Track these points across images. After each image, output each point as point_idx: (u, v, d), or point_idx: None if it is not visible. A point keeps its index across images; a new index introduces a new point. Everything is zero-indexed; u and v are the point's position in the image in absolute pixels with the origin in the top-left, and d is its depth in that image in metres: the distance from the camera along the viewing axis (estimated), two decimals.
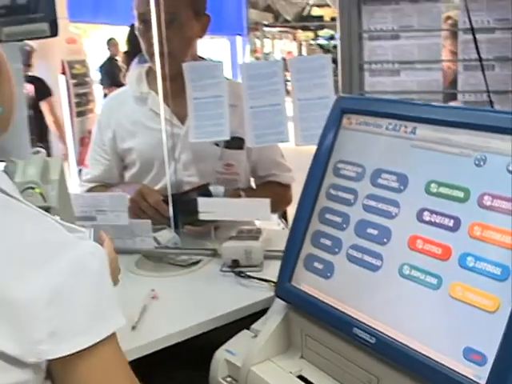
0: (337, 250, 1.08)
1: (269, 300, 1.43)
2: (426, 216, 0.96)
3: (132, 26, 4.57)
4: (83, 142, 6.33)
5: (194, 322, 1.42)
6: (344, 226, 1.08)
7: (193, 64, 1.75)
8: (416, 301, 0.94)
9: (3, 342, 0.74)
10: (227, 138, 1.75)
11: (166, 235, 1.84)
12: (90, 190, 2.08)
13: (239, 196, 1.91)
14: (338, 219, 1.10)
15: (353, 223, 1.07)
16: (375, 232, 1.02)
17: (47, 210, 1.60)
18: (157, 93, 1.98)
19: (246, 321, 1.38)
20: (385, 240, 1.00)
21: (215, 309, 1.47)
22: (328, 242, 1.10)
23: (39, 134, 5.45)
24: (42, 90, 5.52)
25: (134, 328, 1.38)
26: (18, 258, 0.78)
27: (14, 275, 0.76)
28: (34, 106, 5.27)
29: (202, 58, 2.12)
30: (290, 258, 1.16)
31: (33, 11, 1.74)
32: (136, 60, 3.30)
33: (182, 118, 1.95)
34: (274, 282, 1.50)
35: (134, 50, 4.23)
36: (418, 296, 0.93)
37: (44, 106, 5.51)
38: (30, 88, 5.24)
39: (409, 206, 0.99)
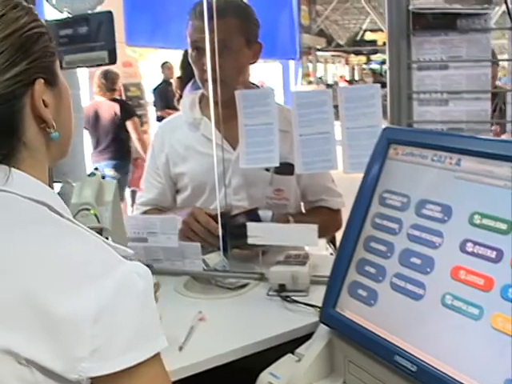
0: (381, 278, 1.10)
1: (314, 325, 1.45)
2: (469, 247, 0.98)
3: (185, 52, 4.65)
4: (136, 162, 6.44)
5: (240, 344, 1.44)
6: (388, 254, 1.10)
7: (245, 92, 1.80)
8: (457, 330, 0.95)
9: (47, 357, 0.76)
10: (277, 164, 1.78)
11: (215, 258, 1.87)
12: (144, 213, 2.14)
13: (287, 221, 1.94)
14: (383, 248, 1.12)
15: (397, 252, 1.09)
16: (419, 261, 1.04)
17: (101, 230, 1.66)
18: (209, 119, 2.03)
19: (290, 345, 1.39)
20: (428, 269, 1.02)
21: (261, 332, 1.49)
22: (372, 270, 1.12)
23: (124, 151, 5.91)
24: (127, 111, 5.91)
25: (180, 349, 1.41)
26: (65, 275, 0.80)
27: (61, 291, 0.78)
28: (120, 125, 5.77)
29: (253, 84, 2.18)
30: (334, 285, 1.18)
31: (93, 40, 1.82)
32: (189, 86, 3.38)
33: (233, 144, 1.99)
34: (319, 308, 1.51)
35: (187, 76, 4.33)
36: (459, 326, 0.94)
37: (130, 125, 5.86)
38: (116, 109, 5.69)
39: (452, 237, 1.01)
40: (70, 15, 1.86)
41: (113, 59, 1.83)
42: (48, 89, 0.94)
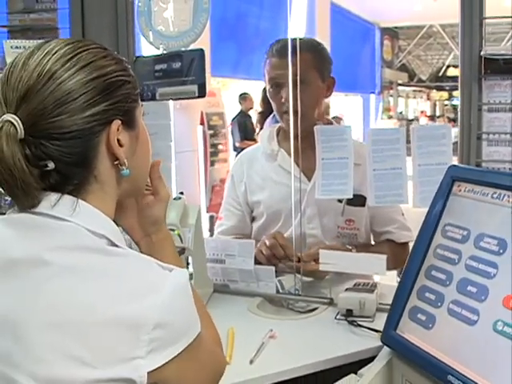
0: (439, 303, 1.18)
1: (377, 349, 1.52)
2: None
3: (265, 89, 4.79)
4: (214, 189, 6.59)
5: (306, 362, 1.53)
6: (447, 282, 1.19)
7: (323, 127, 1.91)
8: (507, 354, 1.02)
9: (113, 366, 0.86)
10: (350, 196, 1.87)
11: (291, 281, 1.97)
12: None
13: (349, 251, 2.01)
14: (443, 276, 1.21)
15: (455, 280, 1.17)
16: (474, 290, 1.12)
17: (183, 250, 1.79)
18: (286, 150, 2.16)
19: (354, 366, 1.46)
20: (482, 297, 1.10)
21: (327, 352, 1.57)
22: (432, 297, 1.21)
23: None
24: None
25: (251, 362, 1.51)
26: (128, 289, 0.90)
27: (125, 303, 0.89)
28: None
29: (328, 119, 2.29)
30: (397, 309, 1.27)
31: (185, 75, 1.97)
32: (270, 119, 3.52)
33: (308, 174, 2.09)
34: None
35: (267, 111, 4.46)
36: (509, 350, 1.02)
37: None
38: None
39: (506, 268, 1.09)
40: (165, 51, 2.03)
41: (202, 93, 1.98)
42: (125, 130, 1.02)
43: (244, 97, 8.74)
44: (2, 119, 0.92)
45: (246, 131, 8.26)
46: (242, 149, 8.09)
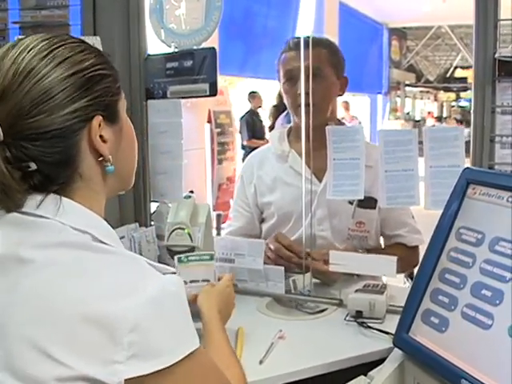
0: (453, 307, 1.17)
1: (387, 350, 1.51)
2: None
3: None
4: (221, 188, 6.60)
5: (316, 363, 1.53)
6: (461, 286, 1.18)
7: (335, 128, 1.90)
8: None
9: (90, 367, 0.83)
10: (361, 197, 1.86)
11: (303, 281, 1.96)
12: None
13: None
14: (456, 279, 1.20)
15: (469, 284, 1.16)
16: (489, 293, 1.11)
17: (193, 249, 1.79)
18: (297, 152, 2.15)
19: (363, 368, 1.45)
20: (497, 301, 1.09)
21: (336, 353, 1.57)
22: (445, 300, 1.20)
23: None
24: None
25: (261, 362, 1.51)
26: (105, 289, 0.87)
27: (103, 301, 0.85)
28: None
29: (340, 121, 2.29)
30: (409, 311, 1.26)
31: (197, 73, 1.97)
32: (283, 116, 3.51)
33: (319, 176, 2.10)
34: (393, 335, 1.60)
35: (282, 105, 4.48)
36: None
37: None
38: None
39: None
40: (176, 50, 2.03)
41: (213, 91, 1.98)
42: (107, 125, 1.01)
43: (253, 95, 8.74)
44: None
45: (254, 130, 8.26)
46: (250, 147, 8.13)
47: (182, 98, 2.05)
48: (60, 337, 0.84)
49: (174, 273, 1.01)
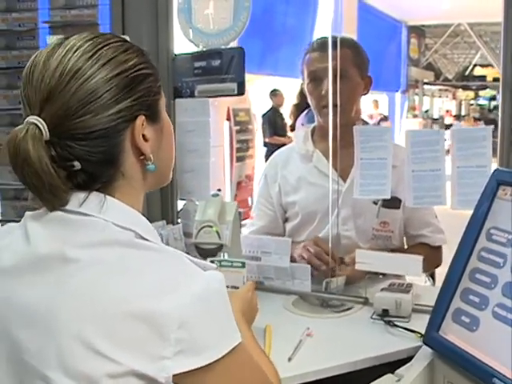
0: (484, 306, 1.19)
1: (414, 349, 1.53)
2: None
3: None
4: (239, 185, 6.61)
5: (345, 360, 1.54)
6: (492, 285, 1.19)
7: (363, 128, 1.91)
8: None
9: (136, 360, 0.85)
10: (388, 197, 1.87)
11: (337, 281, 1.97)
12: None
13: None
14: (487, 279, 1.21)
15: (500, 284, 1.18)
16: None
17: (221, 246, 1.81)
18: (321, 151, 2.17)
19: (389, 366, 1.47)
20: None
21: (364, 351, 1.58)
22: (476, 299, 1.21)
23: None
24: None
25: (290, 359, 1.53)
26: (151, 286, 0.89)
27: (150, 297, 0.87)
28: None
29: (363, 120, 2.30)
30: (439, 311, 1.28)
31: (224, 72, 1.99)
32: (303, 115, 3.52)
33: (343, 175, 2.10)
34: (420, 333, 1.61)
35: (303, 104, 4.48)
36: None
37: None
38: None
39: None
40: (204, 49, 2.05)
41: (241, 91, 2.00)
42: (149, 125, 1.02)
43: (275, 93, 8.75)
44: (26, 121, 0.93)
45: (275, 127, 8.28)
46: (272, 144, 8.12)
47: (210, 97, 2.07)
48: (107, 333, 0.86)
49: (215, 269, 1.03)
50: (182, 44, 2.16)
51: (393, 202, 2.05)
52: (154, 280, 0.90)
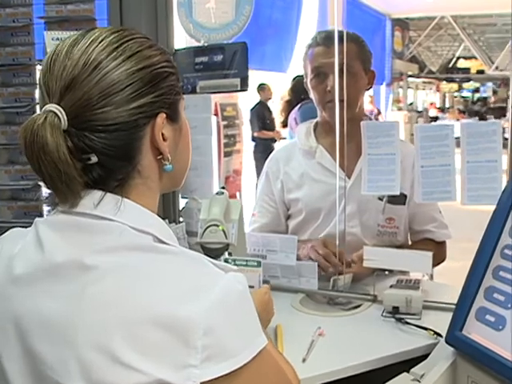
0: (509, 305, 1.16)
1: (427, 347, 1.53)
2: None
3: (297, 78, 4.78)
4: (227, 180, 6.57)
5: (359, 360, 1.52)
6: None
7: (370, 123, 1.89)
8: None
9: (162, 370, 0.82)
10: (397, 193, 1.85)
11: (344, 279, 1.95)
12: None
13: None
14: None
15: None
16: None
17: (227, 246, 1.78)
18: (324, 147, 2.14)
19: (401, 365, 1.47)
20: None
21: (377, 350, 1.57)
22: (501, 298, 1.19)
23: None
24: None
25: (304, 360, 1.51)
26: (173, 289, 0.86)
27: (170, 301, 0.84)
28: None
29: (366, 115, 2.28)
30: (462, 309, 1.25)
31: (227, 68, 1.96)
32: (296, 110, 3.49)
33: (348, 172, 2.07)
34: (433, 331, 1.59)
35: (294, 100, 4.45)
36: None
37: None
38: None
39: None
40: (206, 44, 2.01)
41: (245, 86, 1.97)
42: (169, 124, 1.00)
43: (262, 87, 8.70)
44: (44, 109, 0.90)
45: (263, 121, 8.24)
46: (261, 139, 8.10)
47: (212, 93, 2.04)
48: (132, 342, 0.83)
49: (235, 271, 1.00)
50: (181, 39, 2.13)
51: (398, 198, 2.03)
52: (177, 285, 0.87)
